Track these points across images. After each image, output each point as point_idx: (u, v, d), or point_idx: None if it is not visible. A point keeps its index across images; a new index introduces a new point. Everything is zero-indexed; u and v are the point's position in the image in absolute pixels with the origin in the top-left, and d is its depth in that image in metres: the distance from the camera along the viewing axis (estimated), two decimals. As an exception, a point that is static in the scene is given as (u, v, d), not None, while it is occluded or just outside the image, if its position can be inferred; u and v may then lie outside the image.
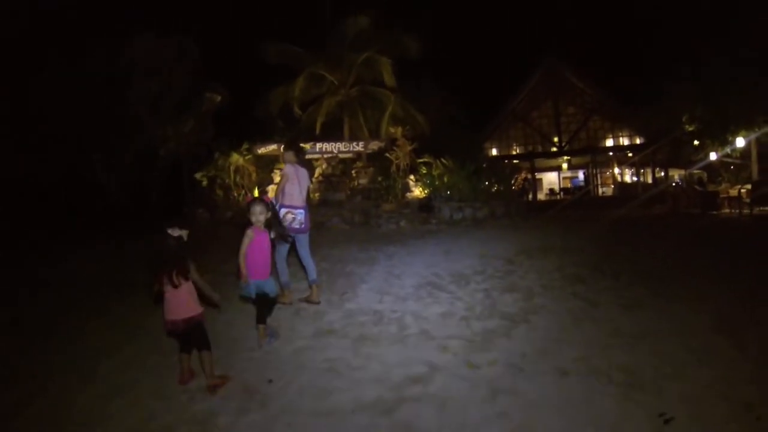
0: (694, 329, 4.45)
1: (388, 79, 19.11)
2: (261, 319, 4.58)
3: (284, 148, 6.35)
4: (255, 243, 4.50)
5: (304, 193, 5.93)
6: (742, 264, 7.31)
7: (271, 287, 4.60)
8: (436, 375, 3.72)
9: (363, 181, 17.37)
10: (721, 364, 3.69)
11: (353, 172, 18.06)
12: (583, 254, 8.46)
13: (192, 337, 3.81)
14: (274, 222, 4.86)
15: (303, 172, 5.99)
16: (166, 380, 3.91)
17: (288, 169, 5.83)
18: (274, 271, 5.10)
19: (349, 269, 7.96)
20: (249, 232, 4.47)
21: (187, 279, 3.79)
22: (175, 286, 3.72)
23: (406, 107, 20.06)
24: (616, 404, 3.18)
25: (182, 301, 3.75)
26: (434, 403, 3.30)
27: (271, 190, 14.89)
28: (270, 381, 3.78)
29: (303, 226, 5.77)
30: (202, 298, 3.95)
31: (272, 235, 4.76)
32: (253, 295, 4.51)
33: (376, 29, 19.25)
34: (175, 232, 3.78)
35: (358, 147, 18.50)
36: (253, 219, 4.53)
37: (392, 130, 18.29)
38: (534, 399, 3.29)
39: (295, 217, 5.67)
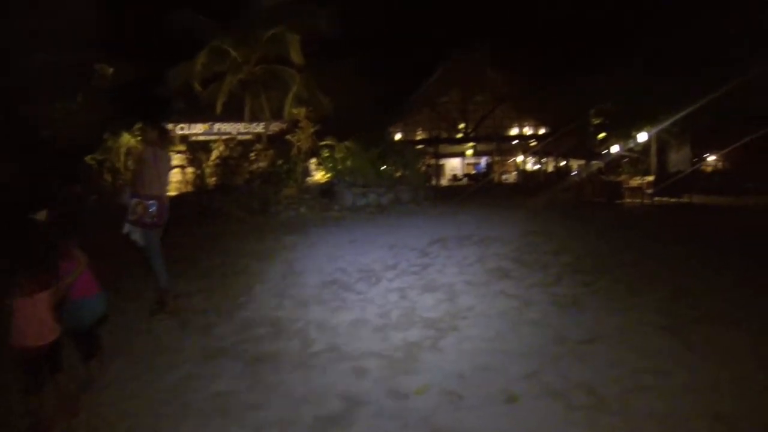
0: (638, 329, 4.15)
1: (295, 56, 18.24)
2: (92, 350, 3.57)
3: (147, 127, 5.39)
4: None
5: (164, 181, 5.00)
6: (666, 254, 7.31)
7: (102, 305, 3.64)
8: (356, 412, 3.00)
9: (262, 164, 16.63)
10: (680, 370, 3.39)
11: (252, 154, 17.18)
12: (503, 244, 8.14)
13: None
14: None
15: (164, 155, 5.08)
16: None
17: (147, 152, 4.89)
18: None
19: (244, 265, 7.20)
20: None
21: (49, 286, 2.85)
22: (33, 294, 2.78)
23: (311, 88, 19.35)
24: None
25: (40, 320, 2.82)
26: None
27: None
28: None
29: (156, 220, 4.82)
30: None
31: (125, 229, 3.80)
32: (87, 324, 3.51)
33: (288, 2, 18.27)
34: (42, 216, 2.77)
35: (259, 128, 17.69)
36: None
37: (295, 111, 17.46)
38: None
39: (147, 209, 4.72)
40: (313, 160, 16.76)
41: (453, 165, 42.23)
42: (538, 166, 39.37)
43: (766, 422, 2.83)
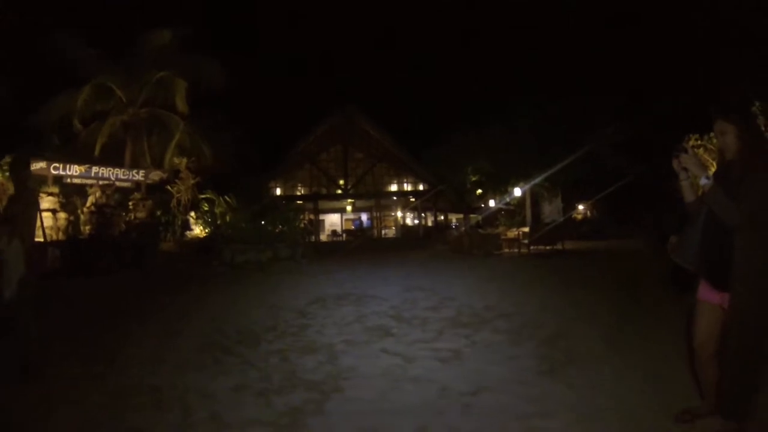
0: (519, 377, 4.26)
1: (181, 103, 17.83)
2: None
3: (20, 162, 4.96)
4: None
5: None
6: (542, 301, 7.77)
7: None
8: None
9: (141, 214, 15.63)
10: (563, 409, 3.50)
11: (130, 203, 16.12)
12: (382, 301, 8.21)
13: None
14: None
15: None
16: None
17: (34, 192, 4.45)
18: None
19: (116, 325, 6.76)
20: None
21: None
22: None
23: (194, 138, 18.80)
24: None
25: None
26: None
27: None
28: None
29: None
30: None
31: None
32: None
33: (180, 49, 17.96)
34: None
35: (139, 176, 16.75)
36: None
37: (177, 160, 16.84)
38: None
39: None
40: (193, 214, 16.11)
41: (333, 220, 42.83)
42: (417, 221, 40.69)
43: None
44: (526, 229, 19.18)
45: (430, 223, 40.53)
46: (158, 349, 5.53)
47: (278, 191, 38.83)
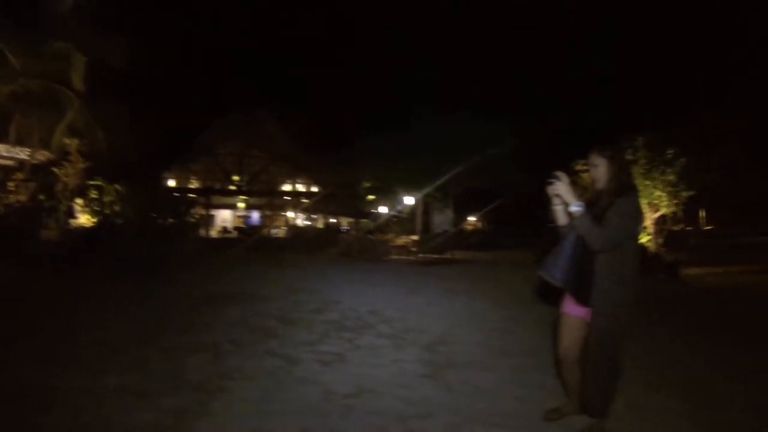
0: (400, 380, 4.39)
1: (77, 80, 16.29)
2: None
3: None
4: None
5: None
6: (425, 307, 8.00)
7: None
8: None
9: (22, 197, 14.15)
10: (441, 411, 3.67)
11: (11, 184, 14.61)
12: (268, 302, 8.09)
13: None
14: None
15: None
16: None
17: None
18: None
19: None
20: None
21: None
22: None
23: (88, 119, 17.33)
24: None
25: None
26: None
27: None
28: None
29: None
30: None
31: None
32: None
33: (84, 22, 16.56)
34: None
35: (23, 154, 15.23)
36: None
37: (67, 141, 15.52)
38: None
39: None
40: (79, 200, 15.00)
41: (224, 216, 41.47)
42: (308, 223, 40.51)
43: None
44: (416, 237, 19.62)
45: (321, 225, 40.47)
46: (47, 348, 5.12)
47: (172, 182, 37.27)
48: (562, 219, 3.38)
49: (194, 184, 38.71)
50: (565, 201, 3.20)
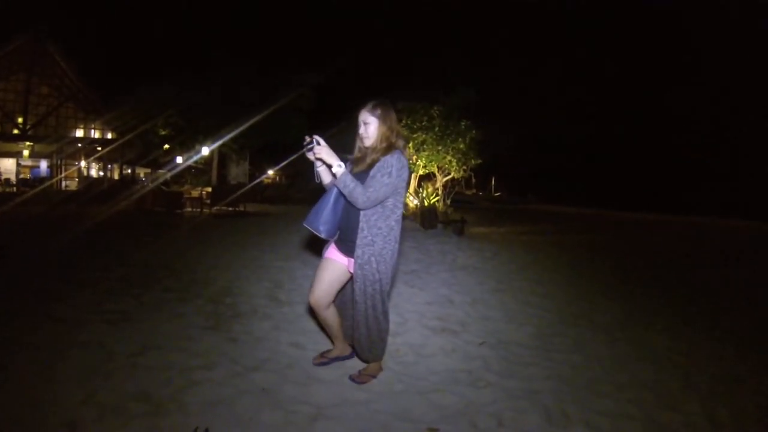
0: (184, 333, 4.46)
1: None
2: None
3: None
4: None
5: None
6: (204, 259, 7.93)
7: None
8: None
9: None
10: (224, 361, 3.79)
11: None
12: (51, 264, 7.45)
13: None
14: None
15: None
16: None
17: None
18: None
19: None
20: None
21: None
22: None
23: None
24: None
25: None
26: None
27: None
28: None
29: None
30: None
31: None
32: None
33: None
34: None
35: None
36: None
37: None
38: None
39: None
40: None
41: (6, 166, 35.00)
42: (102, 173, 36.83)
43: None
44: (210, 189, 19.13)
45: (117, 176, 36.79)
46: None
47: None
48: (326, 178, 3.44)
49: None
50: (327, 162, 3.25)
